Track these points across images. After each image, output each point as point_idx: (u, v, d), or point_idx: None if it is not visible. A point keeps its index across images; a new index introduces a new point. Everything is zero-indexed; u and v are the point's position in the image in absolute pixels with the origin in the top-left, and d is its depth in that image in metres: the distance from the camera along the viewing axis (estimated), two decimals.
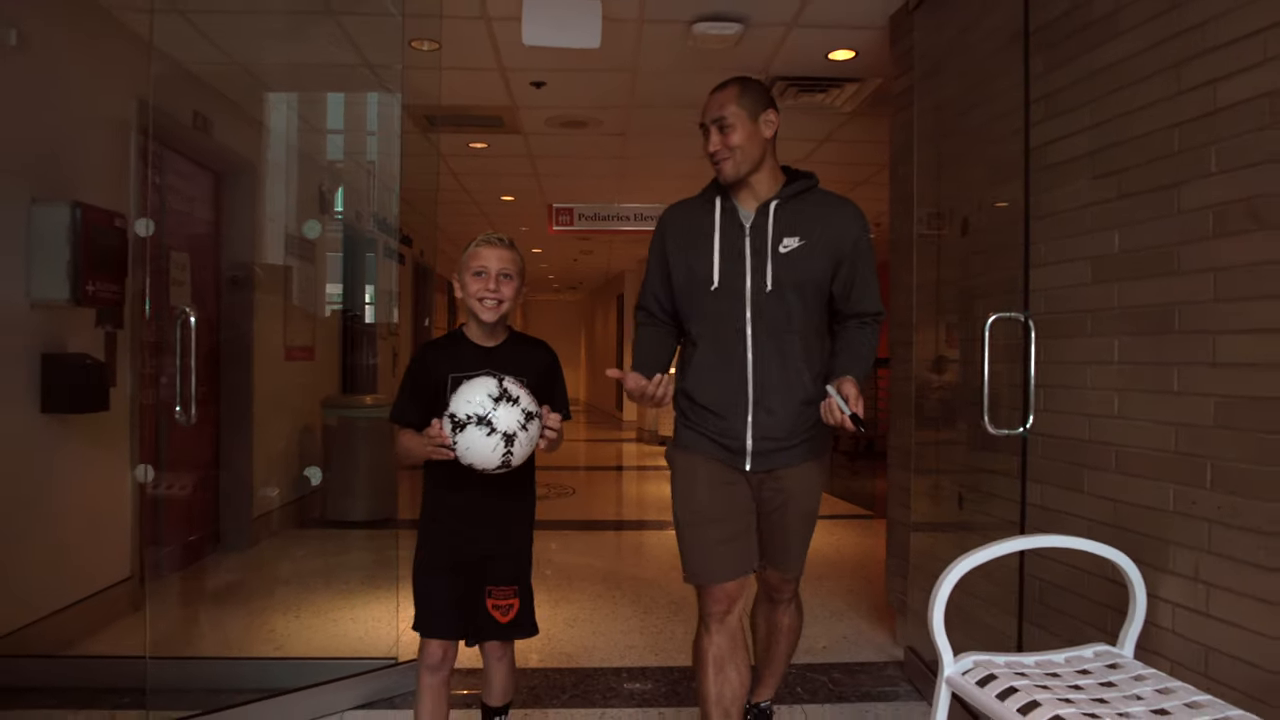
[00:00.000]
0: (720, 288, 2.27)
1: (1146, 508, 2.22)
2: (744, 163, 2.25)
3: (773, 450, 2.28)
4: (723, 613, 2.31)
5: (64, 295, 3.31)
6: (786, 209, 2.28)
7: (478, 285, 2.24)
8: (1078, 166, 2.50)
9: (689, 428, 2.36)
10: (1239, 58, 1.97)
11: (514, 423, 2.03)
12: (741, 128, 2.23)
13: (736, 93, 2.26)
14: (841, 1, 3.64)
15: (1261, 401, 1.90)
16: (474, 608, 2.31)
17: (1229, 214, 1.99)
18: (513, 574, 2.33)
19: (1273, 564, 1.86)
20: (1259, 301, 1.91)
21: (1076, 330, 2.49)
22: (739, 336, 2.26)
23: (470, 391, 2.05)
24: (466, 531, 2.30)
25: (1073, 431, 2.50)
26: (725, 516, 2.30)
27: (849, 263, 2.28)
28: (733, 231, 2.29)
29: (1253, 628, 1.91)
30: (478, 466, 2.07)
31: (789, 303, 2.25)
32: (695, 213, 2.37)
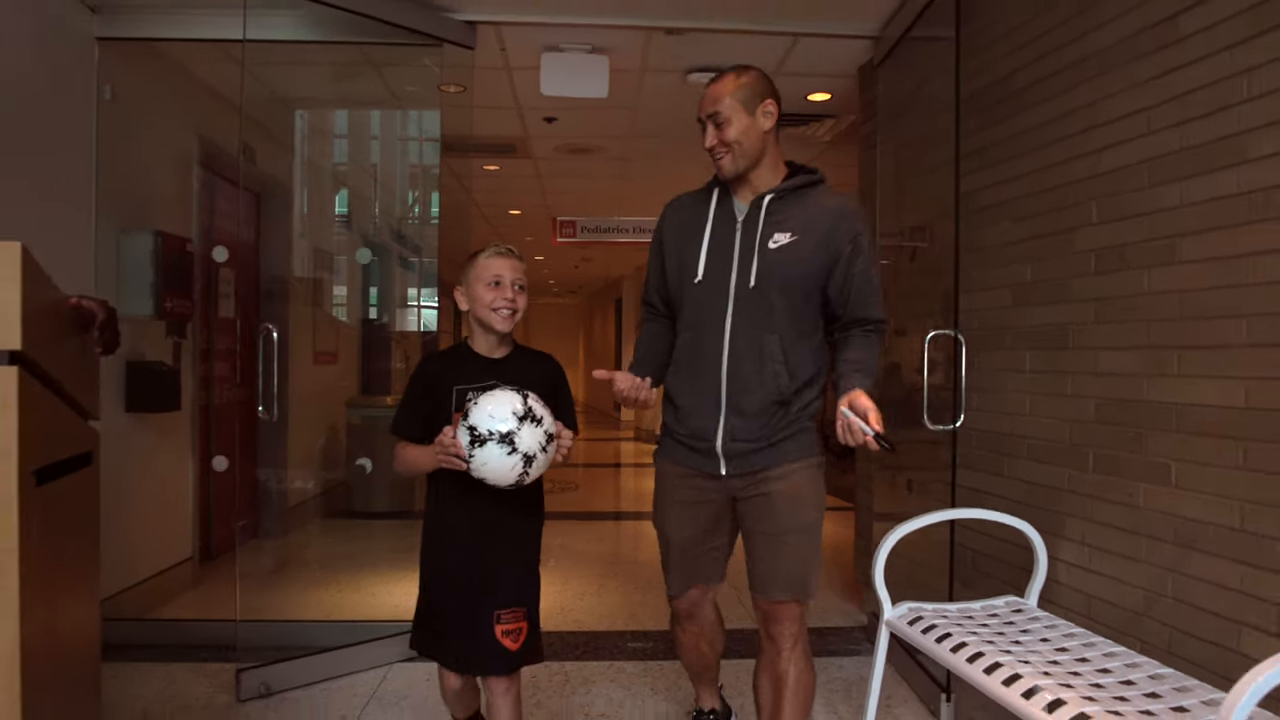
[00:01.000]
0: (704, 282, 2.21)
1: (1049, 487, 2.78)
2: (742, 157, 2.18)
3: (746, 452, 2.20)
4: (689, 614, 2.42)
5: (148, 311, 3.85)
6: (781, 204, 2.20)
7: (493, 295, 2.18)
8: (1001, 210, 3.06)
9: (668, 434, 2.34)
10: (1121, 132, 2.52)
11: (536, 444, 1.97)
12: (738, 121, 2.15)
13: (732, 85, 2.17)
14: (817, 54, 4.19)
15: (1127, 403, 2.45)
16: (479, 636, 2.16)
17: (1106, 255, 2.55)
18: (521, 595, 2.23)
19: (1133, 528, 2.42)
20: (1127, 324, 2.46)
21: (998, 344, 3.05)
22: (718, 333, 2.19)
23: (493, 405, 1.97)
24: (472, 549, 2.20)
25: (995, 427, 3.06)
26: (692, 535, 2.32)
27: (844, 264, 2.17)
28: (725, 226, 2.23)
29: (1119, 578, 2.47)
30: (490, 482, 2.00)
31: (772, 300, 2.16)
32: (694, 205, 2.32)
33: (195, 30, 3.73)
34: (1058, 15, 2.76)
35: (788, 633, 2.26)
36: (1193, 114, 2.24)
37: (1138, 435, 2.42)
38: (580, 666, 3.50)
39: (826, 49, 3.99)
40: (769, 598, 2.24)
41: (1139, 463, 2.42)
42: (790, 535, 2.20)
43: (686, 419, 2.25)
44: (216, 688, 3.23)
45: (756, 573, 2.27)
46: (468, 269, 2.25)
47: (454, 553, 2.21)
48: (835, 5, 3.55)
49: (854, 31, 3.82)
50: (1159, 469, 2.34)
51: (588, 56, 4.01)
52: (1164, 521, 2.32)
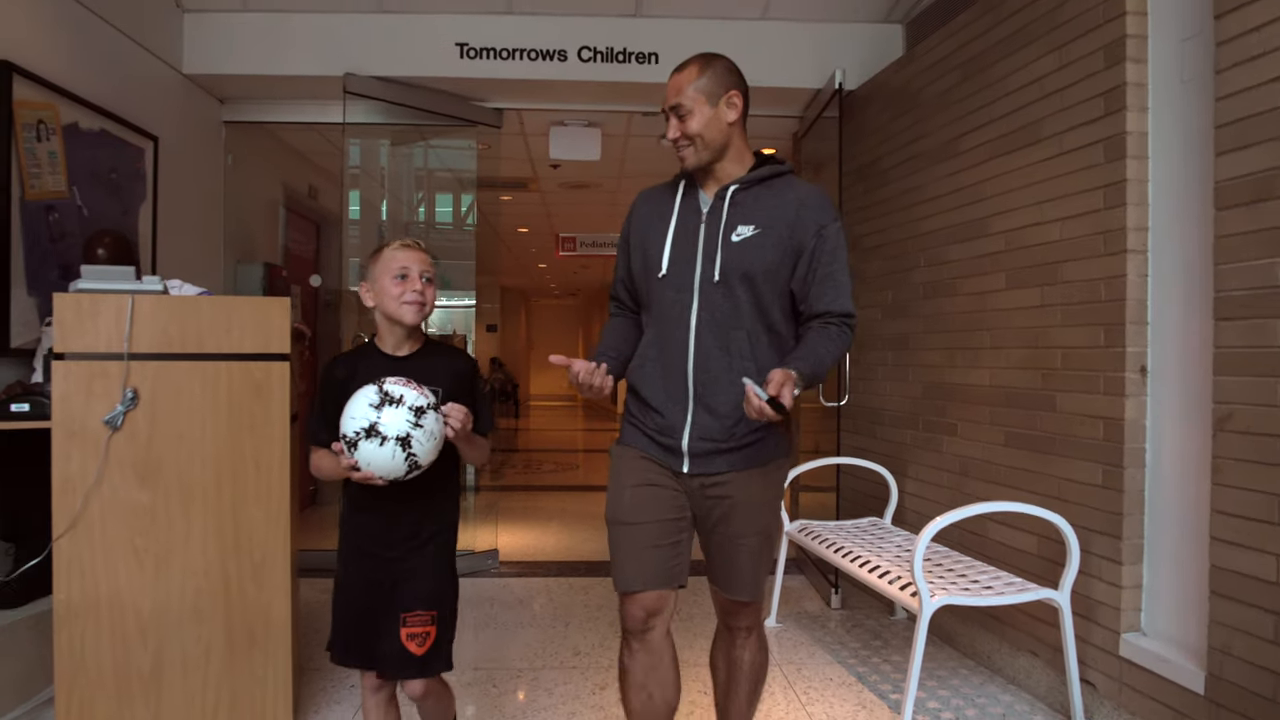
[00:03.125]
0: (668, 276, 2.11)
1: (900, 442, 4.09)
2: (705, 150, 2.08)
3: (711, 452, 2.08)
4: (641, 630, 2.09)
5: None
6: (746, 195, 2.09)
7: (401, 288, 2.09)
8: (876, 251, 4.37)
9: (630, 423, 2.22)
10: (933, 207, 3.82)
11: (403, 424, 1.87)
12: (700, 113, 2.05)
13: (695, 74, 2.06)
14: (763, 126, 5.45)
15: (937, 385, 3.77)
16: (386, 637, 2.10)
17: (927, 288, 3.86)
18: (429, 597, 2.12)
19: (939, 466, 3.73)
20: (938, 334, 3.77)
21: (871, 347, 4.36)
22: (683, 328, 2.09)
23: (352, 407, 1.90)
24: (380, 550, 2.13)
25: (868, 403, 4.38)
26: (650, 520, 2.10)
27: (810, 255, 2.05)
28: (690, 218, 2.13)
29: (935, 500, 3.78)
30: (390, 478, 1.92)
31: (738, 295, 2.05)
32: (660, 198, 2.23)
33: (291, 115, 5.06)
34: (902, 123, 4.08)
35: (744, 625, 2.26)
36: (965, 201, 3.56)
37: (943, 406, 3.74)
38: (585, 581, 4.80)
39: (769, 124, 5.29)
40: (726, 593, 2.21)
41: (942, 423, 3.74)
42: (749, 539, 2.14)
43: (653, 415, 2.13)
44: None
45: (715, 570, 2.21)
46: (373, 265, 2.15)
47: (364, 556, 2.14)
48: (773, 96, 4.84)
49: (785, 113, 5.13)
50: (950, 426, 3.66)
51: (584, 129, 5.34)
52: (956, 461, 3.63)
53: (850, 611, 4.18)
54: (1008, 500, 3.11)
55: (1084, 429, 2.89)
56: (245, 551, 2.68)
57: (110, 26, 3.82)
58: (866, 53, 4.67)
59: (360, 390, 1.92)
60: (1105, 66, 2.78)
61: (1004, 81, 3.29)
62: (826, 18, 4.69)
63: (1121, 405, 2.73)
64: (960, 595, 2.84)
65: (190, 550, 2.63)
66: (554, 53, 4.63)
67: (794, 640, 3.78)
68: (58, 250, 3.39)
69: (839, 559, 3.43)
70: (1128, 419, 2.72)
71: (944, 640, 3.68)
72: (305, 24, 4.56)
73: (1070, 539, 2.81)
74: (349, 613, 2.16)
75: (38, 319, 3.27)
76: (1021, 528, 3.15)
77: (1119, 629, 2.74)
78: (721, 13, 4.61)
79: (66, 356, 2.54)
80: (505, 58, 4.62)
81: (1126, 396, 2.72)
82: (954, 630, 3.61)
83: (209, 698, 2.64)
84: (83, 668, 2.57)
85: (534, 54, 4.63)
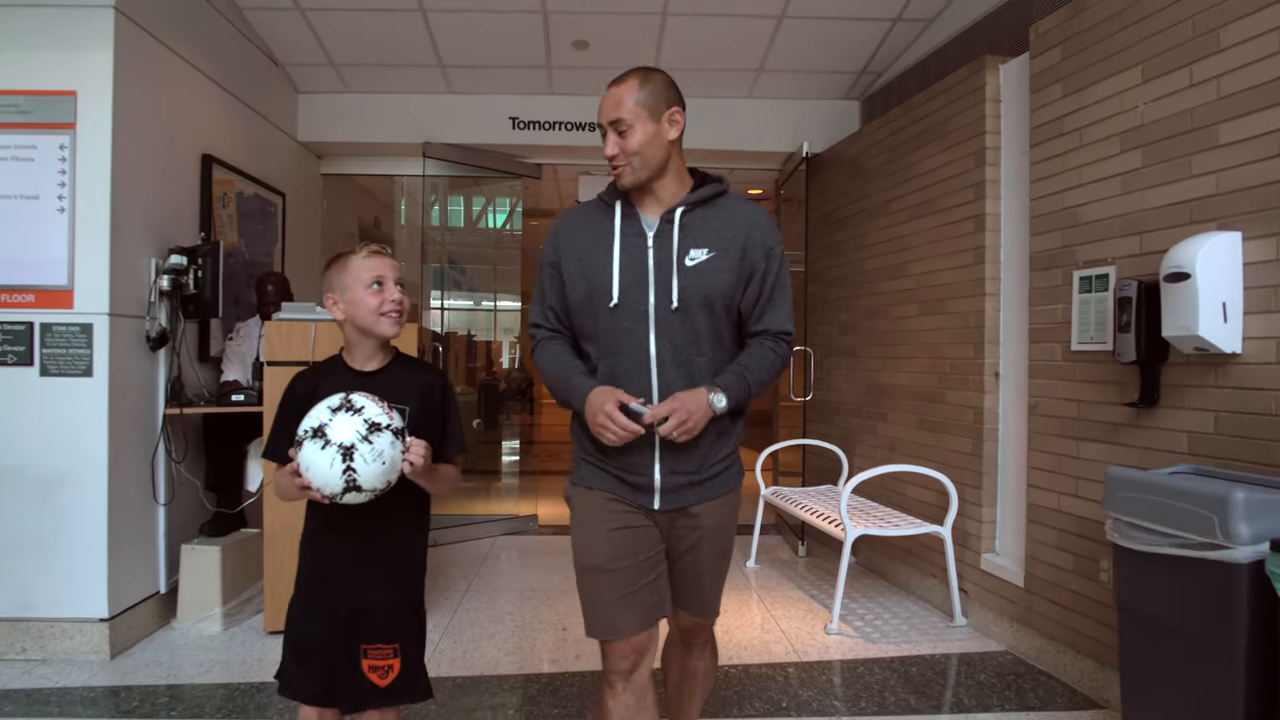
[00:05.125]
0: (620, 305, 1.98)
1: (849, 427, 5.37)
2: (644, 169, 1.97)
3: (684, 486, 2.02)
4: (628, 670, 2.02)
5: None
6: (693, 217, 2.01)
7: (378, 298, 1.98)
8: (834, 281, 5.64)
9: (588, 462, 2.09)
10: (873, 250, 5.08)
11: (352, 433, 1.74)
12: (641, 128, 1.94)
13: (635, 88, 1.96)
14: (749, 176, 6.76)
15: (875, 385, 5.05)
16: (343, 669, 1.99)
17: (870, 312, 5.13)
18: (391, 630, 2.01)
19: (877, 445, 5.01)
20: (877, 346, 5.05)
21: (830, 355, 5.64)
22: (642, 359, 1.97)
23: (314, 408, 1.82)
24: (338, 576, 2.01)
25: (827, 399, 5.66)
26: (630, 567, 2.02)
27: (760, 276, 2.02)
28: (634, 242, 2.00)
29: (869, 468, 5.05)
30: (327, 492, 1.77)
31: (697, 322, 1.98)
32: (592, 220, 2.07)
33: (376, 169, 6.36)
34: (853, 184, 5.35)
35: (700, 641, 2.28)
36: (892, 249, 4.83)
37: (878, 400, 5.01)
38: None
39: (753, 174, 6.57)
40: (689, 614, 2.19)
41: (877, 413, 5.01)
42: (715, 561, 2.14)
43: (616, 453, 2.01)
44: None
45: (681, 594, 2.16)
46: (339, 274, 2.02)
47: (322, 581, 2.02)
48: (758, 156, 6.11)
49: (768, 168, 6.42)
50: (883, 415, 4.94)
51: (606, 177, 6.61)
52: (886, 440, 4.90)
53: (813, 559, 5.45)
54: (915, 465, 4.38)
55: (961, 415, 4.16)
56: None
57: (255, 113, 5.12)
58: (829, 124, 5.96)
59: (331, 396, 1.85)
60: (974, 166, 4.05)
61: (915, 166, 4.57)
62: (799, 96, 5.97)
63: (982, 399, 4.00)
64: (874, 527, 4.13)
65: None
66: (585, 124, 5.92)
67: (767, 575, 5.05)
68: (231, 286, 4.68)
69: (800, 512, 4.71)
70: (986, 408, 3.99)
71: (877, 574, 4.96)
72: (391, 102, 5.86)
73: (951, 491, 4.09)
74: (302, 641, 2.03)
75: (223, 335, 4.56)
76: (923, 485, 4.42)
77: (980, 551, 4.01)
78: (716, 93, 5.89)
79: (273, 364, 3.82)
80: (547, 128, 5.92)
81: (985, 393, 3.99)
82: (883, 566, 4.89)
83: None
84: (279, 571, 3.85)
85: (569, 125, 5.93)
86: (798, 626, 4.10)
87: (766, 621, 4.19)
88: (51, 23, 3.57)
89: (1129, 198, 3.09)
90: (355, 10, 4.75)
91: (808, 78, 5.71)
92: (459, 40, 5.14)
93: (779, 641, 3.89)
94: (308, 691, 2.02)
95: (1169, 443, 2.90)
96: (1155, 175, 2.97)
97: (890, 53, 5.33)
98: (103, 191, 3.58)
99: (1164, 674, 2.53)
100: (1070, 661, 3.36)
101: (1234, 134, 2.67)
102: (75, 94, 3.57)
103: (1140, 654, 2.60)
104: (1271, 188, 2.55)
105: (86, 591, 3.58)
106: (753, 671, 3.52)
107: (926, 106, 4.45)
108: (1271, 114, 2.55)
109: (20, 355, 3.56)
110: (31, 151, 3.57)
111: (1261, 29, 2.58)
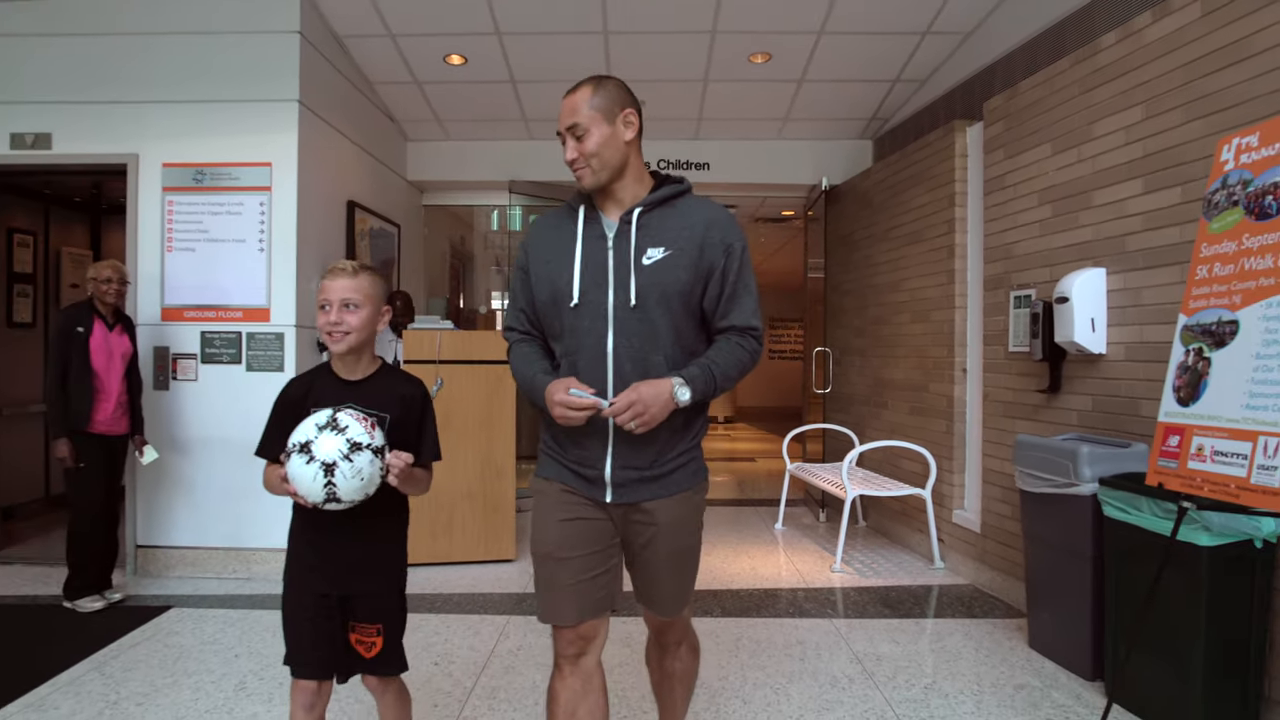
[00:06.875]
0: (581, 304, 2.02)
1: (860, 414, 6.50)
2: (603, 170, 2.02)
3: (635, 481, 2.05)
4: (576, 655, 2.08)
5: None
6: (651, 217, 2.04)
7: (322, 319, 2.11)
8: (850, 294, 6.76)
9: (548, 455, 2.15)
10: (879, 270, 6.20)
11: (334, 452, 1.89)
12: (597, 131, 2.00)
13: (589, 94, 2.02)
14: (780, 201, 7.92)
15: (879, 379, 6.17)
16: (334, 643, 2.18)
17: (877, 319, 6.25)
18: (374, 614, 2.19)
19: (879, 427, 6.13)
20: (882, 347, 6.17)
21: (846, 354, 6.77)
22: (600, 358, 2.01)
23: (304, 421, 1.97)
24: (323, 568, 2.16)
25: (844, 391, 6.80)
26: (578, 555, 2.06)
27: (720, 273, 2.04)
28: (595, 243, 2.04)
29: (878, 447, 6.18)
30: (309, 500, 1.94)
31: (655, 320, 2.00)
32: (558, 225, 2.13)
33: (467, 200, 7.65)
34: (864, 213, 6.47)
35: (674, 640, 2.29)
36: (892, 268, 5.95)
37: (881, 391, 6.13)
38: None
39: (783, 199, 7.72)
40: (655, 611, 2.22)
41: (881, 401, 6.13)
42: (674, 559, 2.14)
43: (571, 446, 2.09)
44: None
45: (641, 591, 2.21)
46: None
47: (310, 570, 2.18)
48: (787, 188, 7.27)
49: (793, 196, 7.57)
50: (885, 403, 6.06)
51: None
52: (888, 424, 6.02)
53: (831, 525, 6.58)
54: (903, 441, 5.50)
55: (938, 402, 5.28)
56: (492, 462, 5.21)
57: (379, 161, 6.42)
58: (847, 159, 7.10)
59: (322, 410, 2.00)
60: (948, 206, 5.16)
61: (908, 202, 5.68)
62: (821, 137, 7.11)
63: (953, 389, 5.12)
64: (869, 489, 5.27)
65: (466, 461, 5.17)
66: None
67: (791, 535, 6.21)
68: None
69: (815, 480, 5.87)
70: (956, 396, 5.10)
71: (882, 534, 6.09)
72: (482, 147, 7.15)
73: (931, 462, 5.21)
74: (299, 626, 2.18)
75: None
76: (912, 459, 5.54)
77: (952, 508, 5.13)
78: (751, 136, 7.06)
79: (410, 362, 5.09)
80: None
81: (955, 384, 5.10)
82: (886, 527, 6.02)
83: (470, 535, 5.19)
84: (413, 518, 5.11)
85: None
86: (809, 567, 5.26)
87: (786, 564, 5.35)
88: (255, 114, 4.89)
89: (1043, 239, 4.20)
90: (461, 83, 6.03)
91: (826, 123, 6.85)
92: (539, 100, 6.37)
93: (793, 575, 5.05)
94: (315, 670, 2.18)
95: (1066, 419, 4.01)
96: (1058, 224, 4.08)
97: (893, 105, 6.45)
98: (290, 235, 4.88)
99: (1048, 576, 3.67)
100: (1010, 586, 4.47)
101: (1103, 199, 3.77)
102: (271, 164, 4.88)
103: (1035, 564, 3.74)
104: (1125, 238, 3.65)
105: (278, 528, 4.88)
106: (771, 593, 4.70)
107: (915, 155, 5.57)
108: (1122, 186, 3.65)
109: (232, 356, 4.88)
110: (240, 207, 4.88)
111: (1118, 126, 3.68)
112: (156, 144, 4.92)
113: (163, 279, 4.89)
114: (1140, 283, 3.56)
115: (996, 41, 5.12)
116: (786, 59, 5.72)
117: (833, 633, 4.02)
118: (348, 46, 5.53)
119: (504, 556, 5.23)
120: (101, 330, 4.29)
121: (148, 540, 4.90)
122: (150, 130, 4.92)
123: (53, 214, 6.81)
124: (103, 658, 3.65)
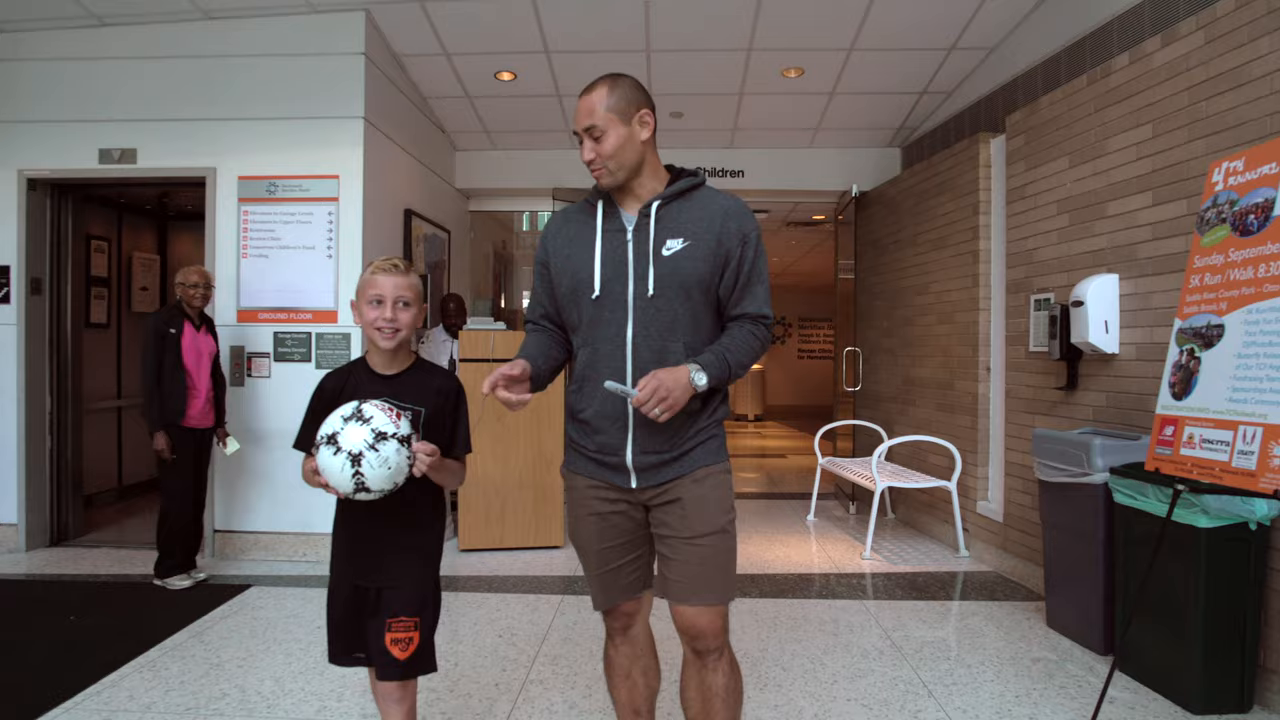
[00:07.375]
0: (601, 295, 2.09)
1: (889, 411, 6.79)
2: (620, 170, 2.08)
3: (656, 464, 2.10)
4: (623, 627, 2.28)
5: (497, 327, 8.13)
6: (669, 209, 2.10)
7: (375, 314, 2.15)
8: (879, 295, 7.05)
9: (573, 448, 2.24)
10: (904, 274, 6.49)
11: (360, 442, 1.92)
12: (614, 132, 2.05)
13: (605, 94, 2.06)
14: (810, 207, 8.23)
15: (909, 378, 6.46)
16: (373, 640, 2.22)
17: (907, 319, 6.55)
18: (412, 605, 2.22)
19: (908, 423, 6.42)
20: (910, 346, 6.46)
21: (876, 353, 7.07)
22: (619, 346, 2.08)
23: (332, 413, 2.01)
24: (361, 559, 2.23)
25: (874, 389, 7.09)
26: (609, 548, 2.19)
27: (736, 262, 2.10)
28: (615, 237, 2.11)
29: (906, 444, 6.47)
30: (340, 491, 1.98)
31: (674, 309, 2.06)
32: (577, 220, 2.21)
33: (509, 206, 8.03)
34: (891, 218, 6.75)
35: (712, 646, 2.16)
36: (919, 272, 6.23)
37: (909, 389, 6.42)
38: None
39: (814, 205, 8.02)
40: (689, 604, 2.11)
41: (908, 398, 6.42)
42: (705, 539, 2.10)
43: (593, 434, 2.14)
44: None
45: (673, 580, 2.13)
46: (360, 285, 2.19)
47: (351, 562, 2.25)
48: (819, 193, 7.57)
49: (823, 201, 7.87)
50: (913, 400, 6.35)
51: None
52: (915, 420, 6.31)
53: (860, 516, 6.88)
54: (929, 436, 5.79)
55: (964, 400, 5.56)
56: (542, 452, 5.56)
57: (431, 171, 6.80)
58: (877, 167, 7.39)
59: (349, 402, 2.02)
60: (972, 214, 5.45)
61: (934, 209, 5.97)
62: (852, 145, 7.40)
63: (978, 387, 5.40)
64: (897, 481, 5.57)
65: (518, 451, 5.53)
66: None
67: (822, 526, 6.51)
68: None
69: (846, 474, 6.17)
70: (980, 394, 5.39)
71: (911, 526, 6.38)
72: (527, 156, 7.52)
73: (956, 456, 5.50)
74: (341, 616, 2.25)
75: (415, 340, 6.23)
76: (939, 453, 5.83)
77: (977, 499, 5.42)
78: (785, 145, 7.37)
79: (465, 360, 5.45)
80: None
81: (979, 382, 5.39)
82: (915, 519, 6.31)
83: (522, 523, 5.54)
84: (469, 506, 5.48)
85: None
86: (840, 554, 5.57)
87: (818, 551, 5.66)
88: (325, 130, 5.28)
89: (1061, 246, 4.48)
90: (509, 97, 6.39)
91: (856, 133, 7.15)
92: None
93: (825, 562, 5.37)
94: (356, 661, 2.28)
95: (1081, 414, 4.30)
96: (1075, 232, 4.36)
97: (920, 115, 6.73)
98: (355, 242, 5.27)
99: (1064, 559, 3.96)
100: (1031, 572, 4.75)
101: (1116, 209, 4.06)
102: (338, 177, 5.26)
103: (1052, 549, 4.03)
104: (1135, 246, 3.93)
105: None
106: (804, 577, 5.02)
107: (941, 165, 5.86)
108: (1133, 199, 3.93)
109: (303, 354, 5.27)
110: (309, 217, 5.27)
111: (1129, 143, 3.96)
112: (232, 158, 5.32)
113: (238, 283, 5.29)
114: (1149, 288, 3.84)
115: (1019, 57, 5.40)
116: (818, 73, 6.03)
117: (863, 612, 4.33)
118: (405, 65, 5.91)
119: (553, 543, 5.58)
120: (190, 331, 4.69)
121: (226, 525, 5.30)
122: (227, 145, 5.33)
123: (125, 221, 7.26)
124: (199, 628, 4.04)
